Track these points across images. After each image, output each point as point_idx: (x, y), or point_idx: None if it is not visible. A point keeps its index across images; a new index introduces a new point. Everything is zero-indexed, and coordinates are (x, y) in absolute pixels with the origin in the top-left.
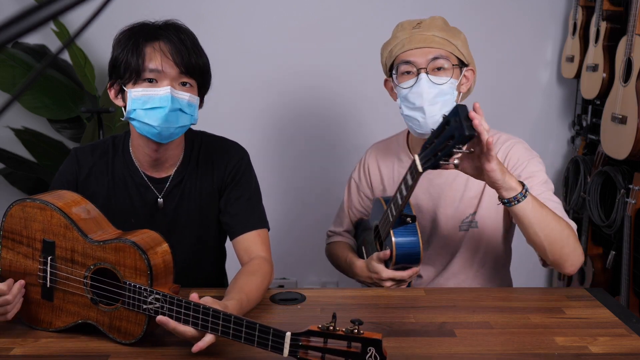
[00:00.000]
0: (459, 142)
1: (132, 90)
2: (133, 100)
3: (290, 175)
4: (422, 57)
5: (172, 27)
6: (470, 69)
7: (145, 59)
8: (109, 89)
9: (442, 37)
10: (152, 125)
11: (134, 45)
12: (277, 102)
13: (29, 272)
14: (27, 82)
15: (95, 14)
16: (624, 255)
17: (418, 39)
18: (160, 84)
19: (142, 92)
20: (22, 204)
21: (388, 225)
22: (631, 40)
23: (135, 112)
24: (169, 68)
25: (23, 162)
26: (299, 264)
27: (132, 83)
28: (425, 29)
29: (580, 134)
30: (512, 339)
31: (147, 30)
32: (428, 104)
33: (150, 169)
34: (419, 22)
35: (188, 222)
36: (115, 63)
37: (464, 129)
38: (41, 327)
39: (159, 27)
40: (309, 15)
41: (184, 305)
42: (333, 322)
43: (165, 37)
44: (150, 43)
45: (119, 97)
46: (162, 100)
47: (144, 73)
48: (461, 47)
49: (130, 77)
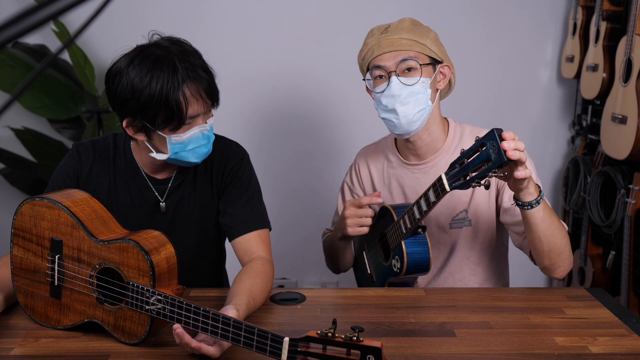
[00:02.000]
0: (496, 166)
1: (172, 136)
2: (174, 145)
3: (291, 175)
4: (391, 61)
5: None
6: (446, 65)
7: (187, 108)
8: (127, 127)
9: (410, 39)
10: (194, 162)
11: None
12: (277, 101)
13: (38, 270)
14: (27, 82)
15: (95, 14)
16: (624, 255)
17: (386, 44)
18: (195, 123)
19: (185, 136)
20: (32, 202)
21: (400, 236)
22: (631, 40)
23: (177, 154)
24: (204, 108)
25: (23, 162)
26: (299, 264)
27: (169, 129)
28: (393, 33)
29: (580, 134)
30: (512, 339)
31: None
32: (400, 104)
33: (152, 171)
34: (387, 26)
35: (188, 222)
36: (144, 107)
37: (503, 155)
38: (50, 325)
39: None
40: (308, 16)
41: (185, 307)
42: (333, 328)
43: (194, 75)
44: (183, 88)
45: (141, 133)
46: (202, 138)
47: (184, 122)
48: (431, 45)
49: (168, 125)
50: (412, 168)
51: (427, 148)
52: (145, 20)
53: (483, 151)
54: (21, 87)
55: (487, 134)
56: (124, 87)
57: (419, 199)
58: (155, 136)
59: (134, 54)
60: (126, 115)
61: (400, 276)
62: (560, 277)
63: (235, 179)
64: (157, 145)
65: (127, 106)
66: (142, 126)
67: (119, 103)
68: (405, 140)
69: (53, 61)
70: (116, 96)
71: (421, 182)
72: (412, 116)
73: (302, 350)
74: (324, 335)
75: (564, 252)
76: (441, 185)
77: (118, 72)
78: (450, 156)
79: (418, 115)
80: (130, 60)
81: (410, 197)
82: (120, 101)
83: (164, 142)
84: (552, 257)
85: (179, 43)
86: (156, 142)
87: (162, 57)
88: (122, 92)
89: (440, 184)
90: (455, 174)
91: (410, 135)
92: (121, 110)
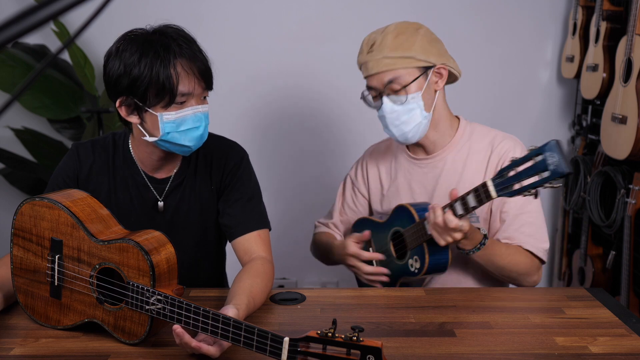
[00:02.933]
0: (554, 178)
1: (163, 114)
2: (166, 124)
3: (291, 175)
4: (378, 82)
5: (183, 38)
6: (440, 66)
7: (178, 83)
8: (119, 107)
9: (393, 57)
10: (187, 146)
11: (162, 68)
12: (277, 101)
13: (38, 270)
14: (27, 82)
15: (95, 14)
16: (624, 255)
17: (371, 66)
18: (189, 104)
19: (176, 115)
20: (32, 202)
21: (422, 237)
22: (631, 40)
23: (169, 135)
24: (198, 88)
25: (23, 162)
26: (299, 264)
27: (161, 106)
28: (377, 52)
29: (580, 134)
30: (512, 339)
31: (163, 47)
32: (393, 124)
33: (151, 170)
34: (373, 42)
35: (188, 222)
36: (135, 83)
37: (564, 167)
38: (50, 325)
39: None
40: (308, 16)
41: (185, 307)
42: (333, 328)
43: (187, 54)
44: (175, 63)
45: (134, 114)
46: (195, 120)
47: (176, 97)
48: (418, 54)
49: (160, 101)
50: (420, 163)
51: (434, 144)
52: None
53: (539, 161)
54: (21, 87)
55: (546, 145)
56: (116, 66)
57: (452, 203)
58: (147, 117)
59: (124, 35)
60: (119, 94)
61: (419, 276)
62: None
63: (235, 179)
64: (150, 127)
65: (119, 84)
66: (134, 106)
67: (112, 83)
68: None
69: (53, 61)
70: (109, 77)
71: (428, 176)
72: (408, 131)
73: (302, 350)
74: (324, 335)
75: (518, 277)
76: (486, 191)
77: (110, 54)
78: (458, 152)
79: (414, 131)
80: (122, 39)
81: (417, 191)
82: (113, 81)
83: (156, 123)
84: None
85: (173, 26)
86: (149, 124)
87: (154, 35)
88: (114, 70)
89: (485, 190)
90: (505, 181)
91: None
92: (114, 90)
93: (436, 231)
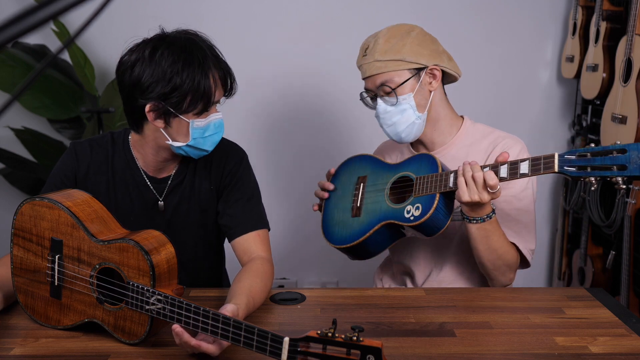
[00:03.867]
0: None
1: (194, 120)
2: (195, 130)
3: (290, 175)
4: (372, 85)
5: (211, 47)
6: (433, 67)
7: (215, 92)
8: (149, 112)
9: (384, 60)
10: (206, 150)
11: (203, 78)
12: (277, 102)
13: (38, 270)
14: (27, 82)
15: (95, 14)
16: (624, 255)
17: (365, 69)
18: (213, 109)
19: (205, 121)
20: (32, 202)
21: (441, 187)
22: (631, 40)
23: (195, 140)
24: (221, 96)
25: (23, 162)
26: (299, 264)
27: (194, 113)
28: (369, 56)
29: (580, 134)
30: (512, 339)
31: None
32: (387, 126)
33: (152, 170)
34: (367, 46)
35: (187, 222)
36: (174, 91)
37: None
38: (50, 325)
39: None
40: (308, 16)
41: (185, 307)
42: (333, 328)
43: (220, 65)
44: (213, 74)
45: (160, 119)
46: (217, 126)
47: (211, 106)
48: (409, 57)
49: (194, 109)
50: None
51: (433, 143)
52: (145, 21)
53: (620, 156)
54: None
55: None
56: (149, 72)
57: (498, 164)
58: (175, 122)
59: (156, 42)
60: (151, 99)
61: (409, 224)
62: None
63: (235, 180)
64: (174, 133)
65: (153, 90)
66: (164, 111)
67: (143, 88)
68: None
69: (53, 61)
70: (139, 82)
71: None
72: (401, 131)
73: (302, 350)
74: (324, 335)
75: (501, 268)
76: (549, 162)
77: (139, 59)
78: (459, 151)
79: (407, 130)
80: (154, 46)
81: None
82: (145, 86)
83: (183, 129)
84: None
85: (193, 31)
86: (174, 129)
87: (191, 43)
88: (149, 76)
89: (549, 162)
90: (572, 160)
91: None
92: (144, 95)
93: (467, 185)
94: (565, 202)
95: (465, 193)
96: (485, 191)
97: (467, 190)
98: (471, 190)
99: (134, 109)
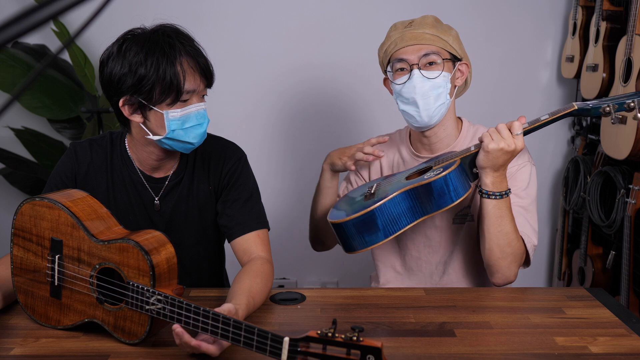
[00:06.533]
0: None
1: (169, 111)
2: (171, 122)
3: (290, 175)
4: (413, 54)
5: (184, 36)
6: (464, 63)
7: (184, 80)
8: (122, 106)
9: (433, 34)
10: (191, 143)
11: (168, 66)
12: (277, 102)
13: (38, 269)
14: (27, 82)
15: (95, 14)
16: (624, 255)
17: (409, 37)
18: (191, 101)
19: (182, 112)
20: (32, 202)
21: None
22: (631, 40)
23: (174, 132)
24: (201, 85)
25: (23, 162)
26: (299, 264)
27: (166, 104)
28: (417, 27)
29: (580, 134)
30: (512, 339)
31: (167, 45)
32: (421, 98)
33: (149, 169)
34: (411, 21)
35: (186, 222)
36: (141, 82)
37: None
38: (50, 325)
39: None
40: (308, 15)
41: (185, 307)
42: (333, 328)
43: (191, 51)
44: (180, 61)
45: (137, 113)
46: (198, 117)
47: (182, 94)
48: (452, 43)
49: (166, 99)
50: (422, 160)
51: (440, 143)
52: (145, 20)
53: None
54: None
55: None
56: (118, 66)
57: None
58: (152, 115)
59: (125, 35)
60: (122, 94)
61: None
62: (497, 283)
63: (234, 180)
64: (154, 126)
65: (123, 83)
66: (138, 104)
67: (115, 84)
68: (421, 134)
69: (53, 61)
70: (111, 78)
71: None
72: (432, 110)
73: (302, 350)
74: (324, 335)
75: (509, 257)
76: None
77: (110, 54)
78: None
79: (438, 109)
80: (123, 40)
81: None
82: (115, 81)
83: (160, 121)
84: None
85: (169, 25)
86: (152, 122)
87: (157, 34)
88: (117, 70)
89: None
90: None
91: (429, 128)
92: (116, 89)
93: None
94: (565, 202)
95: (490, 141)
96: (510, 137)
97: (492, 138)
98: (495, 138)
99: (115, 107)
